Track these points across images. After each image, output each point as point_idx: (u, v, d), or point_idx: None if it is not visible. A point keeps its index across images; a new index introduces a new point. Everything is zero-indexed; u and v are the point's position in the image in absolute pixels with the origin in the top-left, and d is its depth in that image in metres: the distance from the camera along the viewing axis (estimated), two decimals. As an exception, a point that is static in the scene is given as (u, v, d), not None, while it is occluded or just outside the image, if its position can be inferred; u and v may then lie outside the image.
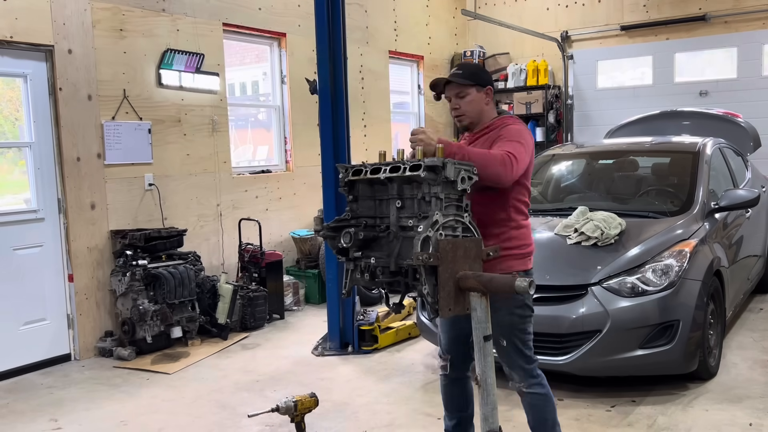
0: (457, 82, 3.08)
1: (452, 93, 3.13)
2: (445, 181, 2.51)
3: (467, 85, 3.08)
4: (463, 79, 3.08)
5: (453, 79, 3.09)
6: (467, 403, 3.33)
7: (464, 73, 3.11)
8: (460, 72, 3.12)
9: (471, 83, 3.09)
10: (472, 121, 3.14)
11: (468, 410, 3.34)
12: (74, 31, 5.54)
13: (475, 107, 3.13)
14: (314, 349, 5.67)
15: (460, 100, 3.11)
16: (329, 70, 5.47)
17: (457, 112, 3.14)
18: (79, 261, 5.62)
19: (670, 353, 4.19)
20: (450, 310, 2.37)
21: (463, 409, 3.33)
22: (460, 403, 3.32)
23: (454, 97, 3.13)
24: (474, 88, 3.10)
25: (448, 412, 3.36)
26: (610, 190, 5.68)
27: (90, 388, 4.95)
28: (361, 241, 2.63)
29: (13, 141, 5.48)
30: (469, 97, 3.11)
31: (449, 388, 3.31)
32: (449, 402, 3.33)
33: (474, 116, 3.14)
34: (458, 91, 3.11)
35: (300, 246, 7.50)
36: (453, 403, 3.32)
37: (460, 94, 3.11)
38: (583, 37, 9.79)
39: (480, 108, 3.14)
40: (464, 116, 3.13)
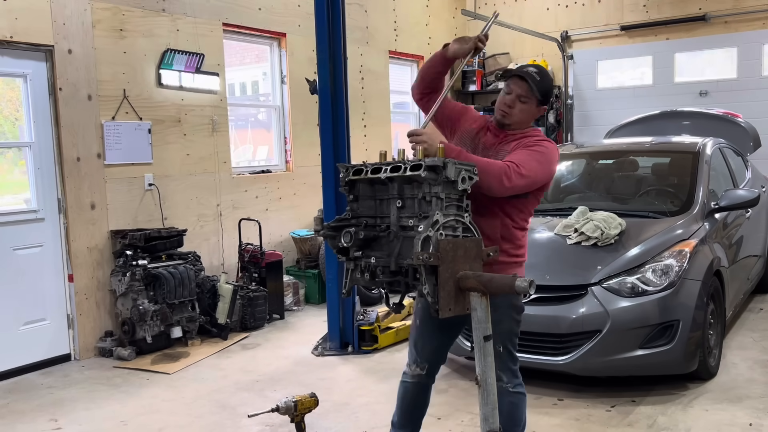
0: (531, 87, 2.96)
1: (517, 90, 3.00)
2: (446, 181, 2.51)
3: (535, 96, 2.98)
4: (536, 88, 2.97)
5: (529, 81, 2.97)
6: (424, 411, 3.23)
7: (541, 83, 2.99)
8: (538, 79, 2.99)
9: (538, 97, 2.99)
10: (512, 124, 3.05)
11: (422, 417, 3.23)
12: (74, 31, 5.54)
13: (525, 117, 3.05)
14: (314, 349, 5.67)
15: (519, 103, 3.01)
16: (329, 70, 5.47)
17: (507, 109, 3.03)
18: (79, 261, 5.62)
19: (670, 353, 4.19)
20: (450, 309, 2.37)
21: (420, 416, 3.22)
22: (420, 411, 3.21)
23: (515, 94, 3.01)
24: (537, 101, 3.01)
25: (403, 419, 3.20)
26: (610, 190, 5.68)
27: (90, 388, 4.95)
28: (362, 240, 2.63)
29: (13, 141, 5.47)
30: (528, 105, 3.01)
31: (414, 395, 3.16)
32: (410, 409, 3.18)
33: (517, 122, 3.04)
34: (524, 94, 3.00)
35: (300, 246, 7.50)
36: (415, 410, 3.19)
37: (523, 98, 3.00)
38: (583, 37, 9.79)
39: (528, 120, 3.07)
40: (510, 116, 3.03)
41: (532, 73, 2.98)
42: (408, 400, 3.17)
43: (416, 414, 3.20)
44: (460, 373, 4.83)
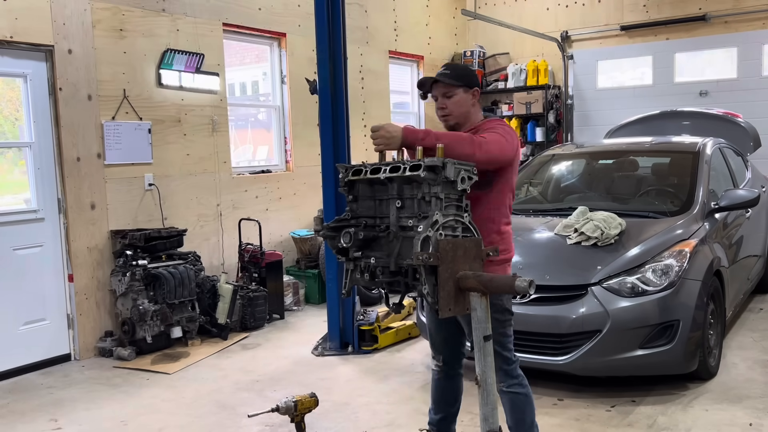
0: (445, 82, 3.10)
1: (439, 92, 3.14)
2: (445, 181, 2.51)
3: (455, 85, 3.10)
4: (450, 79, 3.10)
5: (440, 79, 3.11)
6: (456, 400, 3.39)
7: (452, 74, 3.13)
8: (448, 72, 3.14)
9: (458, 84, 3.10)
10: (458, 122, 3.16)
11: (455, 406, 3.40)
12: (74, 31, 5.54)
13: (462, 108, 3.14)
14: (314, 349, 5.67)
15: (447, 100, 3.13)
16: (329, 70, 5.47)
17: (443, 111, 3.15)
18: (79, 261, 5.62)
19: (670, 353, 4.19)
20: (450, 310, 2.37)
21: (451, 404, 3.39)
22: (449, 399, 3.38)
23: (441, 96, 3.14)
24: (461, 88, 3.12)
25: (435, 406, 3.40)
26: (610, 190, 5.68)
27: (90, 388, 4.95)
28: (361, 241, 2.63)
29: (13, 141, 5.47)
30: (456, 97, 3.12)
31: (441, 383, 3.36)
32: (439, 397, 3.38)
33: (460, 116, 3.15)
34: (445, 91, 3.12)
35: (300, 246, 7.50)
36: (442, 399, 3.38)
37: (447, 94, 3.12)
38: (583, 37, 9.79)
39: (466, 109, 3.15)
40: (450, 116, 3.15)
41: (441, 72, 3.14)
42: (435, 389, 3.37)
43: (446, 401, 3.37)
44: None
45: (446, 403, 3.37)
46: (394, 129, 2.84)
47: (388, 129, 2.83)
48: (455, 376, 3.35)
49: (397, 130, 2.83)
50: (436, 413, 3.39)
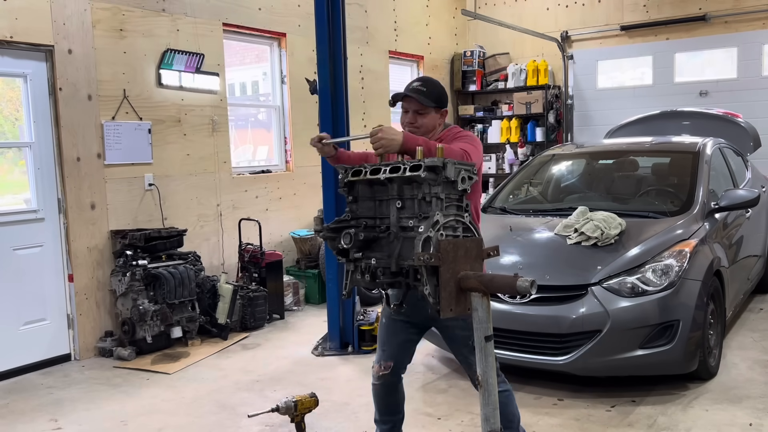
0: (421, 102, 3.14)
1: (411, 107, 3.19)
2: (446, 181, 2.51)
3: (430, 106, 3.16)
4: (426, 100, 3.15)
5: (416, 98, 3.14)
6: (400, 407, 3.36)
7: (428, 92, 3.17)
8: (425, 90, 3.17)
9: (433, 105, 3.17)
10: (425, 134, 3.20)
11: (401, 413, 3.36)
12: (74, 31, 5.54)
13: (430, 125, 3.22)
14: (314, 349, 5.67)
15: (419, 116, 3.18)
16: (329, 70, 5.47)
17: (412, 126, 3.19)
18: (79, 261, 5.62)
19: (670, 353, 4.19)
20: (451, 310, 2.37)
21: (397, 412, 3.35)
22: (395, 408, 3.34)
23: (413, 111, 3.19)
24: (434, 109, 3.19)
25: (382, 417, 3.34)
26: (610, 190, 5.69)
27: (90, 388, 4.95)
28: (362, 241, 2.62)
29: (13, 141, 5.47)
30: (428, 116, 3.19)
31: (384, 395, 3.29)
32: (385, 408, 3.32)
33: (427, 132, 3.21)
34: (418, 108, 3.18)
35: (300, 246, 7.50)
36: (388, 409, 3.32)
37: (420, 111, 3.18)
38: (583, 37, 9.80)
39: (434, 126, 3.24)
40: (419, 130, 3.19)
41: (416, 88, 3.17)
42: (380, 400, 3.30)
43: (392, 409, 3.33)
44: (460, 373, 4.83)
45: (393, 412, 3.33)
46: (394, 133, 2.84)
47: (388, 133, 2.83)
48: (398, 382, 3.30)
49: (397, 135, 2.84)
50: (385, 424, 3.34)
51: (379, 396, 3.30)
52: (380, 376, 3.24)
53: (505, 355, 4.37)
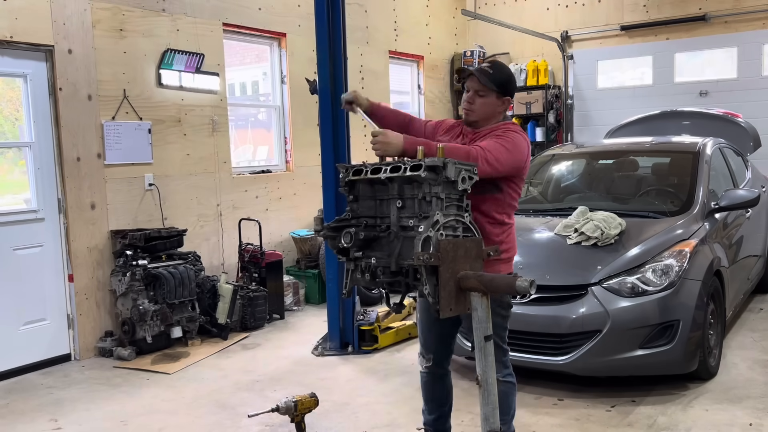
0: (482, 82, 3.03)
1: (473, 87, 3.08)
2: (446, 181, 2.51)
3: (490, 88, 3.05)
4: (488, 81, 3.03)
5: (479, 77, 3.04)
6: (447, 398, 3.43)
7: (494, 76, 3.05)
8: (491, 72, 3.06)
9: (494, 89, 3.05)
10: (478, 120, 3.12)
11: (447, 405, 3.44)
12: (74, 31, 5.54)
13: (487, 110, 3.10)
14: (314, 349, 5.67)
15: (477, 97, 3.08)
16: (329, 70, 5.47)
17: (469, 106, 3.10)
18: (79, 261, 5.62)
19: (670, 353, 4.19)
20: (451, 310, 2.37)
21: (443, 403, 3.42)
22: (441, 399, 3.41)
23: (473, 91, 3.08)
24: (495, 93, 3.07)
25: (428, 407, 3.43)
26: (610, 190, 5.68)
27: (90, 388, 4.95)
28: (362, 241, 2.63)
29: (13, 141, 5.47)
30: (487, 99, 3.07)
31: (431, 385, 3.38)
32: (430, 397, 3.40)
33: (482, 116, 3.11)
34: (479, 89, 3.07)
35: (300, 246, 7.50)
36: (434, 398, 3.40)
37: (480, 92, 3.07)
38: (583, 37, 9.80)
39: (492, 112, 3.11)
40: (473, 113, 3.10)
41: (483, 68, 3.07)
42: (426, 390, 3.39)
43: (439, 401, 3.39)
44: (460, 373, 4.83)
45: (438, 403, 3.41)
46: (394, 137, 2.83)
47: (388, 136, 2.83)
48: (445, 374, 3.38)
49: (398, 139, 2.83)
50: (430, 413, 3.42)
51: (426, 385, 3.38)
52: (426, 367, 3.33)
53: (505, 355, 4.36)
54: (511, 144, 2.96)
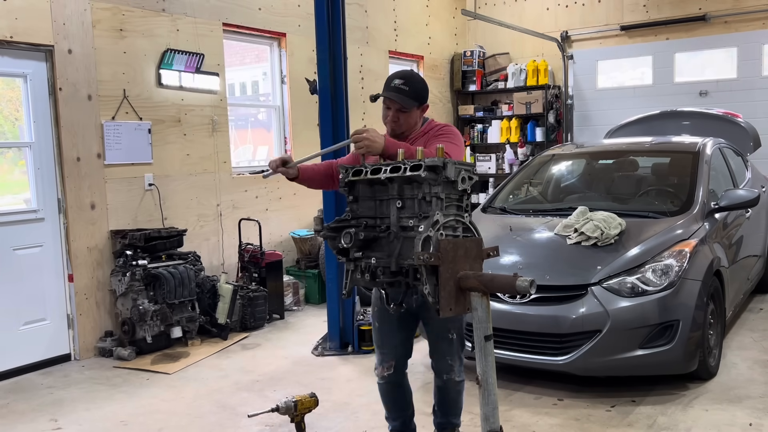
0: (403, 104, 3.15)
1: (395, 106, 3.20)
2: (446, 181, 2.51)
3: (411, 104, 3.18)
4: (410, 101, 3.16)
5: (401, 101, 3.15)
6: (410, 402, 3.46)
7: (410, 91, 3.17)
8: (407, 89, 3.17)
9: (417, 103, 3.19)
10: (405, 131, 3.25)
11: (410, 408, 3.46)
12: (74, 31, 5.54)
13: (412, 121, 3.25)
14: (314, 349, 5.67)
15: (402, 114, 3.20)
16: (329, 70, 5.47)
17: (395, 123, 3.22)
18: (79, 261, 5.62)
19: (670, 353, 4.19)
20: (451, 309, 2.37)
21: (406, 407, 3.44)
22: (403, 404, 3.43)
23: (395, 110, 3.20)
24: (416, 106, 3.21)
25: (392, 414, 3.45)
26: (610, 190, 5.68)
27: (90, 388, 4.95)
28: (362, 241, 2.63)
29: (13, 141, 5.48)
30: (411, 113, 3.21)
31: (392, 393, 3.39)
32: (393, 405, 3.42)
33: (408, 128, 3.25)
34: (400, 107, 3.19)
35: (300, 246, 7.50)
36: (397, 405, 3.42)
37: (403, 110, 3.19)
38: (583, 37, 9.79)
39: (416, 122, 3.27)
40: (401, 127, 3.23)
41: (398, 87, 3.17)
42: (388, 398, 3.42)
43: (400, 405, 3.43)
44: (460, 373, 4.83)
45: (402, 408, 3.43)
46: (377, 136, 2.94)
47: (372, 135, 2.93)
48: (404, 378, 3.38)
49: (380, 138, 2.94)
50: (395, 420, 3.44)
51: (387, 394, 3.39)
52: (384, 377, 3.32)
53: (505, 355, 4.37)
54: (455, 139, 3.17)
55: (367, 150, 2.92)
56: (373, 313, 3.33)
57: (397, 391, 3.38)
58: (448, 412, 3.41)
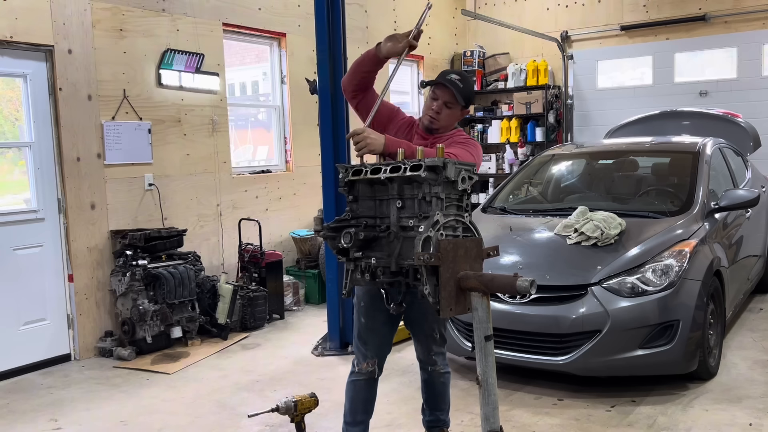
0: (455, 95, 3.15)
1: (443, 97, 3.19)
2: (446, 181, 2.51)
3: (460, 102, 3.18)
4: (460, 95, 3.16)
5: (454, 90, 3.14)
6: (373, 406, 3.39)
7: (464, 90, 3.18)
8: (461, 86, 3.17)
9: (463, 104, 3.20)
10: (439, 128, 3.24)
11: (371, 412, 3.39)
12: (74, 31, 5.54)
13: (451, 121, 3.25)
14: (314, 349, 5.67)
15: (446, 108, 3.20)
16: (329, 70, 5.47)
17: (435, 115, 3.21)
18: (79, 261, 5.62)
19: (670, 353, 4.19)
20: (451, 310, 2.37)
21: (370, 411, 3.38)
22: (369, 407, 3.36)
23: (441, 101, 3.20)
24: (461, 106, 3.21)
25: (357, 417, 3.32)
26: (610, 190, 5.68)
27: (90, 388, 4.95)
28: (362, 241, 2.63)
29: (13, 141, 5.47)
30: (454, 110, 3.21)
31: (366, 390, 3.31)
32: (362, 404, 3.32)
33: (444, 125, 3.25)
34: (448, 100, 3.18)
35: (300, 246, 7.50)
36: (365, 407, 3.33)
37: (449, 104, 3.19)
38: (583, 37, 9.79)
39: (453, 122, 3.28)
40: (438, 121, 3.22)
41: (455, 81, 3.16)
42: (360, 397, 3.31)
43: (367, 407, 3.36)
44: (460, 373, 4.83)
45: (367, 412, 3.36)
46: (376, 136, 2.93)
47: (370, 135, 2.92)
48: (377, 378, 3.34)
49: (380, 138, 2.92)
50: (357, 425, 3.32)
51: (361, 391, 3.29)
52: (365, 372, 3.27)
53: (505, 355, 4.37)
54: (474, 150, 3.14)
55: (368, 149, 2.91)
56: (359, 309, 3.27)
57: (371, 388, 3.33)
58: (436, 407, 3.43)
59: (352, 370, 3.31)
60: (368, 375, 3.27)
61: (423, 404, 3.50)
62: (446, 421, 3.48)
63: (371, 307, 3.20)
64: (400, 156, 2.71)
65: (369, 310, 3.23)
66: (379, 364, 3.30)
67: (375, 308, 3.16)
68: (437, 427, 3.47)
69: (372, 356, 3.26)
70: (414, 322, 3.28)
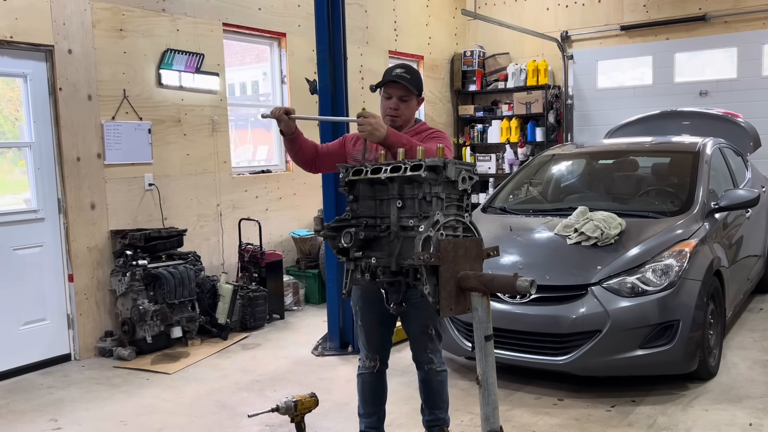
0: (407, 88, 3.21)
1: (396, 94, 3.25)
2: (446, 181, 2.51)
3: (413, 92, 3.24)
4: (412, 86, 3.21)
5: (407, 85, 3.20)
6: (385, 397, 3.49)
7: (413, 81, 3.24)
8: (409, 77, 3.23)
9: (416, 92, 3.25)
10: (402, 125, 3.29)
11: (384, 404, 3.49)
12: (74, 31, 5.54)
13: (411, 113, 3.31)
14: (314, 349, 5.67)
15: (402, 104, 3.25)
16: (329, 70, 5.47)
17: (395, 113, 3.26)
18: (79, 261, 5.62)
19: (670, 353, 4.19)
20: (451, 309, 2.37)
21: (383, 402, 3.48)
22: (381, 398, 3.47)
23: (397, 98, 3.25)
24: (415, 96, 3.27)
25: (368, 410, 3.45)
26: (610, 190, 5.69)
27: (90, 388, 4.95)
28: (362, 241, 2.63)
29: (13, 141, 5.47)
30: (411, 102, 3.27)
31: (374, 384, 3.42)
32: (372, 396, 3.43)
33: (406, 120, 3.30)
34: (403, 95, 3.24)
35: (300, 246, 7.50)
36: (375, 399, 3.44)
37: (404, 98, 3.25)
38: (583, 37, 9.80)
39: (412, 115, 3.33)
40: (399, 118, 3.27)
41: (402, 75, 3.23)
42: (369, 390, 3.43)
43: (378, 400, 3.47)
44: (460, 373, 4.83)
45: (379, 403, 3.46)
46: (381, 124, 2.98)
47: (376, 122, 2.96)
48: (386, 369, 3.44)
49: (383, 127, 2.97)
50: (370, 416, 3.45)
51: (369, 386, 3.41)
52: (369, 366, 3.38)
53: (505, 355, 4.37)
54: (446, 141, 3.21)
55: (369, 135, 2.96)
56: (355, 312, 3.40)
57: (379, 381, 3.42)
58: (434, 405, 3.45)
59: (359, 365, 3.44)
60: (371, 369, 3.38)
61: (422, 404, 3.51)
62: (446, 420, 3.49)
63: (366, 310, 3.31)
64: (401, 156, 2.72)
65: (365, 313, 3.34)
66: (381, 360, 3.39)
67: (370, 310, 3.27)
68: (437, 426, 3.48)
69: (373, 354, 3.37)
70: (409, 319, 3.32)
